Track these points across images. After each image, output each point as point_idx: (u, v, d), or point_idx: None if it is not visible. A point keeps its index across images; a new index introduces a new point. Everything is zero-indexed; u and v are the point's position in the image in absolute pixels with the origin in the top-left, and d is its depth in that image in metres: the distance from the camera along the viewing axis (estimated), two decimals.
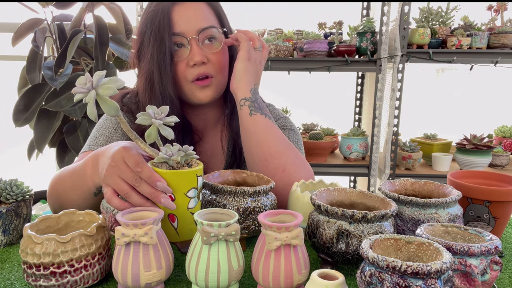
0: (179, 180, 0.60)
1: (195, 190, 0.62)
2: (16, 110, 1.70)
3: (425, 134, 2.21)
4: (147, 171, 0.60)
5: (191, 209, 0.62)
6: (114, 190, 0.63)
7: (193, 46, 0.89)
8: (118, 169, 0.62)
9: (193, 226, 0.62)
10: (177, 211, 0.61)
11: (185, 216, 0.61)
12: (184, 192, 0.60)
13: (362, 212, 0.60)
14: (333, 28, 2.19)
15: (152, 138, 0.60)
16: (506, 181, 0.81)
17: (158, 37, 0.87)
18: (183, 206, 0.61)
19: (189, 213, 0.61)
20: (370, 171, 2.07)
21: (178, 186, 0.60)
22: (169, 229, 0.62)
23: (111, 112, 0.56)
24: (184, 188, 0.60)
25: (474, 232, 0.59)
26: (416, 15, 2.04)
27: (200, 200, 0.64)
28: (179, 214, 0.61)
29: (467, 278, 0.54)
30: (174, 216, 0.62)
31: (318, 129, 2.25)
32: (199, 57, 0.88)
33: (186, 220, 0.62)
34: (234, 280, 0.58)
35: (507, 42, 1.91)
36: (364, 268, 0.50)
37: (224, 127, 1.04)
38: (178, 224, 0.61)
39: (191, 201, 0.61)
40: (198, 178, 0.62)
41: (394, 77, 1.93)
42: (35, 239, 0.57)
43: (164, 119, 0.59)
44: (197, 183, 0.62)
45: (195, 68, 0.89)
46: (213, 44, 0.91)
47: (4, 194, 0.77)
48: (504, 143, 2.16)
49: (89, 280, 0.60)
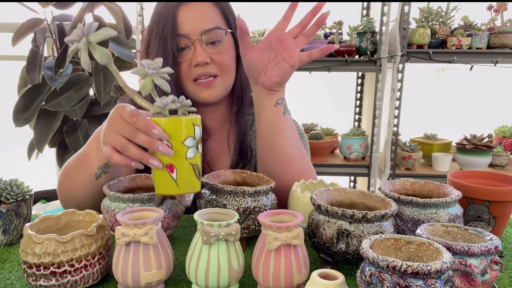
0: (174, 128, 0.58)
1: (193, 139, 0.59)
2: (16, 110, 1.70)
3: (425, 134, 2.21)
4: (142, 120, 0.59)
5: (190, 159, 0.60)
6: (113, 147, 0.63)
7: (196, 47, 0.89)
8: (116, 125, 0.62)
9: (193, 178, 0.60)
10: (175, 160, 0.59)
11: (184, 166, 0.59)
12: (181, 140, 0.58)
13: (362, 212, 0.60)
14: (333, 28, 2.19)
15: (147, 89, 0.59)
16: (506, 181, 0.81)
17: (163, 38, 0.89)
18: (181, 155, 0.59)
19: (188, 163, 0.59)
20: (370, 171, 2.07)
21: (174, 134, 0.58)
22: (169, 181, 0.60)
23: (103, 60, 0.55)
24: (181, 137, 0.58)
25: (474, 232, 0.59)
26: (416, 15, 2.04)
27: (199, 152, 0.61)
28: (178, 164, 0.59)
29: (467, 278, 0.54)
30: (173, 167, 0.59)
31: (318, 129, 2.25)
32: (201, 58, 0.88)
33: (185, 170, 0.60)
34: (234, 280, 0.58)
35: (507, 42, 1.91)
36: (364, 268, 0.50)
37: (231, 125, 1.04)
38: (177, 175, 0.59)
39: (189, 150, 0.59)
40: (195, 127, 0.60)
41: (394, 77, 1.93)
42: (35, 239, 0.57)
43: (158, 70, 0.58)
44: (194, 132, 0.60)
45: (198, 68, 0.90)
46: (217, 45, 0.91)
47: (4, 194, 0.77)
48: (504, 143, 2.16)
49: (89, 280, 0.60)
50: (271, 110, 0.85)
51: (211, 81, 0.92)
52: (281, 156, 0.86)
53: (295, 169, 0.86)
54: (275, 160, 0.87)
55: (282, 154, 0.86)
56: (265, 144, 0.88)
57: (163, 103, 0.58)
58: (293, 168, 0.86)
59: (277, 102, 0.85)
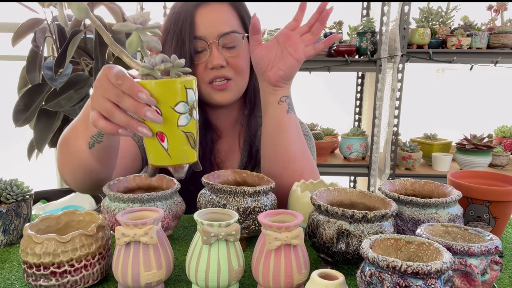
0: (163, 92, 0.52)
1: (185, 105, 0.53)
2: (16, 110, 1.70)
3: (425, 134, 2.21)
4: (128, 82, 0.53)
5: (182, 127, 0.54)
6: (99, 112, 0.59)
7: (213, 50, 0.89)
8: (102, 88, 0.57)
9: (187, 147, 0.55)
10: (165, 128, 0.53)
11: (176, 134, 0.54)
12: (171, 105, 0.52)
13: (362, 212, 0.60)
14: (333, 28, 2.19)
15: (133, 47, 0.53)
16: (506, 181, 0.81)
17: (180, 40, 0.89)
18: (172, 122, 0.53)
19: (180, 131, 0.54)
20: (370, 171, 2.07)
21: (163, 99, 0.52)
22: (159, 151, 0.55)
23: (81, 14, 0.51)
24: (171, 101, 0.53)
25: (474, 232, 0.59)
26: (416, 15, 2.04)
27: (194, 118, 0.55)
28: (169, 132, 0.54)
29: (467, 278, 0.54)
30: (163, 135, 0.54)
31: (318, 129, 2.25)
32: (217, 61, 0.88)
33: (177, 139, 0.54)
34: (234, 280, 0.58)
35: (507, 42, 1.91)
36: (364, 268, 0.50)
37: (242, 127, 1.04)
38: (168, 144, 0.54)
39: (181, 117, 0.53)
40: (188, 90, 0.53)
41: (394, 77, 1.93)
42: (35, 239, 0.57)
43: (145, 25, 0.51)
44: (187, 97, 0.53)
45: (213, 71, 0.90)
46: (233, 49, 0.92)
47: (4, 194, 0.77)
48: (504, 143, 2.16)
49: (89, 280, 0.60)
50: (275, 107, 0.86)
51: (226, 84, 0.92)
52: (282, 154, 0.86)
53: (295, 167, 0.86)
54: (276, 157, 0.87)
55: (283, 152, 0.86)
56: (267, 141, 0.88)
57: (151, 63, 0.53)
58: (293, 166, 0.86)
59: (281, 99, 0.86)
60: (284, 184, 0.85)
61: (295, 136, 0.87)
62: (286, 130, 0.86)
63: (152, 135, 0.54)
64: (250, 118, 1.02)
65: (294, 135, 0.87)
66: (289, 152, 0.86)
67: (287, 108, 0.86)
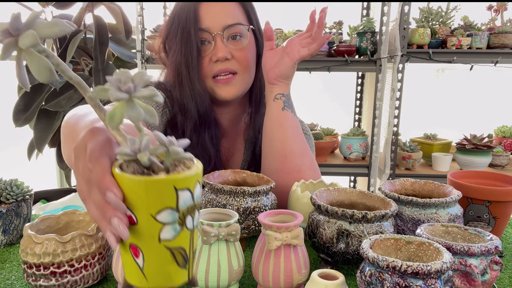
0: (141, 193, 0.36)
1: (173, 212, 0.37)
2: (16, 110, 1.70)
3: (425, 134, 2.21)
4: (98, 171, 0.38)
5: (166, 242, 0.38)
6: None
7: (217, 42, 0.89)
8: (77, 162, 0.42)
9: (173, 267, 0.39)
10: (142, 242, 0.38)
11: (156, 250, 0.38)
12: (152, 213, 0.36)
13: (362, 212, 0.60)
14: (333, 28, 2.19)
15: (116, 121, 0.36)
16: (506, 181, 0.81)
17: (186, 31, 0.88)
18: (151, 235, 0.37)
19: (162, 247, 0.38)
20: (370, 171, 2.07)
21: (142, 203, 0.36)
22: (133, 267, 0.39)
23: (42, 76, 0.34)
24: (152, 207, 0.36)
25: (474, 232, 0.59)
26: (416, 15, 2.04)
27: (188, 229, 0.39)
28: (145, 247, 0.38)
29: (467, 278, 0.54)
30: (138, 249, 0.38)
31: (318, 129, 2.25)
32: (222, 53, 0.88)
33: (157, 257, 0.38)
34: (234, 280, 0.58)
35: (507, 42, 1.91)
36: (364, 268, 0.50)
37: (246, 126, 1.04)
38: (144, 261, 0.38)
39: (165, 228, 0.37)
40: (181, 192, 0.37)
41: (394, 77, 1.93)
42: (35, 239, 0.57)
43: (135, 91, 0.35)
44: (177, 201, 0.37)
45: (218, 64, 0.89)
46: (238, 41, 0.91)
47: (4, 194, 0.77)
48: (504, 143, 2.16)
49: (89, 280, 0.60)
50: (271, 104, 0.89)
51: (230, 78, 0.91)
52: (278, 149, 0.87)
53: (293, 164, 0.87)
54: (273, 153, 0.88)
55: (279, 147, 0.87)
56: (265, 138, 0.90)
57: (133, 149, 0.37)
58: (291, 162, 0.87)
59: (276, 96, 0.88)
60: (282, 180, 0.86)
61: (292, 132, 0.88)
62: (282, 127, 0.87)
63: (125, 247, 0.39)
64: (255, 115, 1.01)
65: (291, 132, 0.88)
66: (285, 147, 0.87)
67: (282, 105, 0.88)
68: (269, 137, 0.89)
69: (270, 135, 0.89)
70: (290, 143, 0.87)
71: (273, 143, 0.88)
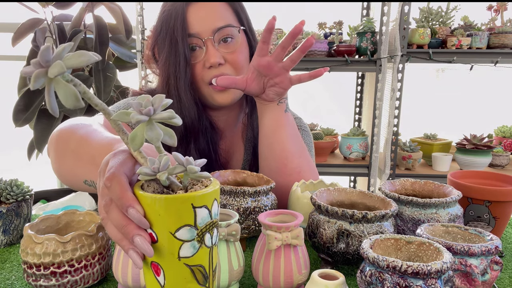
0: (161, 211, 0.38)
1: (192, 230, 0.39)
2: (16, 110, 1.70)
3: (425, 134, 2.21)
4: (118, 189, 0.39)
5: (185, 259, 0.40)
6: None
7: (208, 47, 0.86)
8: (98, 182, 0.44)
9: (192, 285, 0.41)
10: (162, 259, 0.40)
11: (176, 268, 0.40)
12: (171, 231, 0.38)
13: (362, 212, 0.60)
14: (333, 28, 2.19)
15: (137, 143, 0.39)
16: (506, 181, 0.81)
17: (174, 40, 0.85)
18: (171, 252, 0.39)
19: (182, 264, 0.40)
20: (370, 171, 2.07)
21: (161, 221, 0.38)
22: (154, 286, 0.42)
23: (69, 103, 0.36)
24: (170, 225, 0.38)
25: (474, 232, 0.59)
26: (416, 15, 2.04)
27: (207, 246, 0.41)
28: (166, 264, 0.40)
29: (467, 278, 0.54)
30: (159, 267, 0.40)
31: (318, 129, 2.25)
32: (214, 59, 0.85)
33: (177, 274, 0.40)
34: (234, 280, 0.58)
35: (507, 42, 1.91)
36: (364, 268, 0.50)
37: (244, 126, 1.03)
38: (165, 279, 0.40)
39: (184, 246, 0.39)
40: (198, 210, 0.39)
41: (394, 77, 1.93)
42: (35, 239, 0.57)
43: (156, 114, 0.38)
44: (195, 218, 0.39)
45: (212, 70, 0.87)
46: (230, 44, 0.88)
47: (4, 194, 0.77)
48: (504, 143, 2.16)
49: (89, 280, 0.60)
50: (274, 107, 0.86)
51: None
52: (279, 151, 0.86)
53: (293, 165, 0.86)
54: (273, 155, 0.87)
55: (280, 150, 0.86)
56: (264, 140, 0.88)
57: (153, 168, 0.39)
58: (291, 164, 0.86)
59: (280, 101, 0.86)
60: (282, 181, 0.85)
61: (292, 134, 0.88)
62: (284, 128, 0.86)
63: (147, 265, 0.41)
64: (252, 116, 1.01)
65: (291, 134, 0.87)
66: (285, 150, 0.86)
67: (285, 107, 0.87)
68: (269, 140, 0.87)
69: (270, 137, 0.87)
70: (291, 145, 0.87)
71: (273, 146, 0.87)
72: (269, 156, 0.88)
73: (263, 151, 0.90)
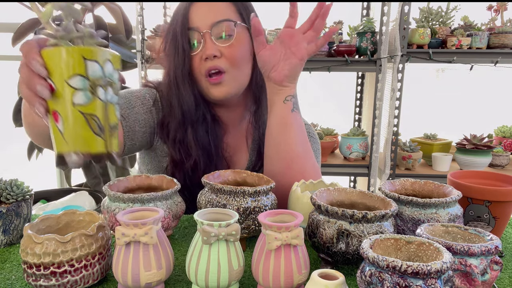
0: (56, 61, 0.45)
1: (83, 79, 0.45)
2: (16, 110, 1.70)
3: (425, 134, 2.22)
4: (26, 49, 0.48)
5: (79, 106, 0.45)
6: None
7: (206, 40, 0.89)
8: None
9: (86, 133, 0.46)
10: (59, 106, 0.46)
11: (71, 114, 0.45)
12: (65, 78, 0.45)
13: (362, 212, 0.60)
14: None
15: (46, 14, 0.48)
16: (506, 181, 0.81)
17: (174, 33, 0.91)
18: (66, 99, 0.45)
19: (76, 111, 0.45)
20: (370, 171, 2.07)
21: (57, 70, 0.45)
22: (57, 135, 0.47)
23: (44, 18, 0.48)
24: (65, 73, 0.45)
25: (474, 232, 0.59)
26: (416, 15, 2.04)
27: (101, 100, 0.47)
28: (63, 111, 0.46)
29: (467, 278, 0.54)
30: (57, 114, 0.46)
31: (318, 129, 2.26)
32: (210, 51, 0.88)
33: (72, 120, 0.46)
34: (234, 280, 0.58)
35: (507, 42, 1.91)
36: (364, 268, 0.50)
37: (250, 124, 1.04)
38: (63, 126, 0.46)
39: (77, 93, 0.45)
40: (88, 62, 0.45)
41: (394, 77, 1.93)
42: (35, 239, 0.57)
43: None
44: (86, 70, 0.45)
45: (208, 62, 0.90)
46: (227, 39, 0.90)
47: (4, 194, 0.77)
48: (504, 143, 2.16)
49: (89, 280, 0.60)
50: (280, 106, 0.87)
51: (220, 77, 0.91)
52: (285, 152, 0.87)
53: (298, 166, 0.86)
54: (279, 156, 0.87)
55: (286, 151, 0.86)
56: (271, 140, 0.89)
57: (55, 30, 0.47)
58: (296, 165, 0.86)
59: (286, 98, 0.86)
60: (286, 182, 0.85)
61: (299, 135, 0.87)
62: (290, 129, 0.86)
63: (50, 115, 0.47)
64: (257, 115, 1.01)
65: (298, 134, 0.87)
66: (292, 151, 0.86)
67: (292, 107, 0.87)
68: (276, 140, 0.87)
69: (277, 138, 0.87)
70: (297, 146, 0.87)
71: (280, 147, 0.87)
72: (275, 157, 0.88)
73: (268, 151, 0.90)
